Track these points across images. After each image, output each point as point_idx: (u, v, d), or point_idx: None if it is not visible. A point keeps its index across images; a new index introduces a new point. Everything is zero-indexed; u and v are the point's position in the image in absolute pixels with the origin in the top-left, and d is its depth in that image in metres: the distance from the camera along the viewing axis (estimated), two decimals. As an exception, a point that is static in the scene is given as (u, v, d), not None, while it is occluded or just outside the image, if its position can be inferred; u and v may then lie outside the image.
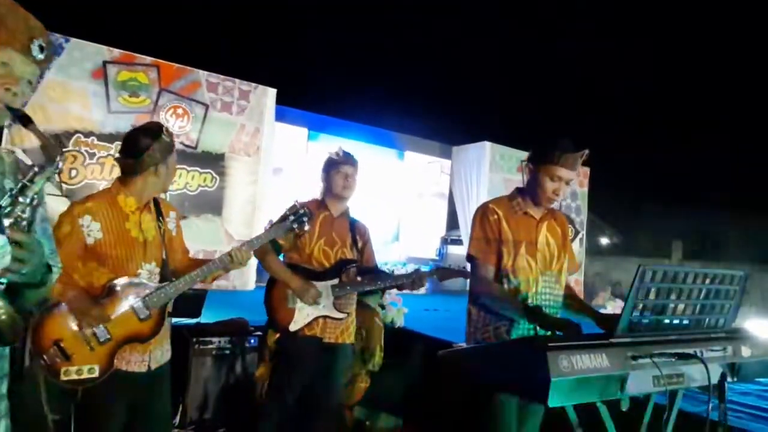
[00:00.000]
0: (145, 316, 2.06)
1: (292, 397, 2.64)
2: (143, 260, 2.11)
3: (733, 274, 1.56)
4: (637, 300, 1.38)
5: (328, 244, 2.76)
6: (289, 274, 2.66)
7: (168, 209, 2.33)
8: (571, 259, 2.32)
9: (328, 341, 2.74)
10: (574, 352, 1.26)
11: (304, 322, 2.66)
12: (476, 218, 2.21)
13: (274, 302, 2.71)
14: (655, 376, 1.43)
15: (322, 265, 2.75)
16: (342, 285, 2.73)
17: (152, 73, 7.78)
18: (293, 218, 2.49)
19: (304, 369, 2.70)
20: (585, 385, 1.28)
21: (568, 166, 2.12)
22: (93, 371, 1.95)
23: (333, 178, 2.89)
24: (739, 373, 1.63)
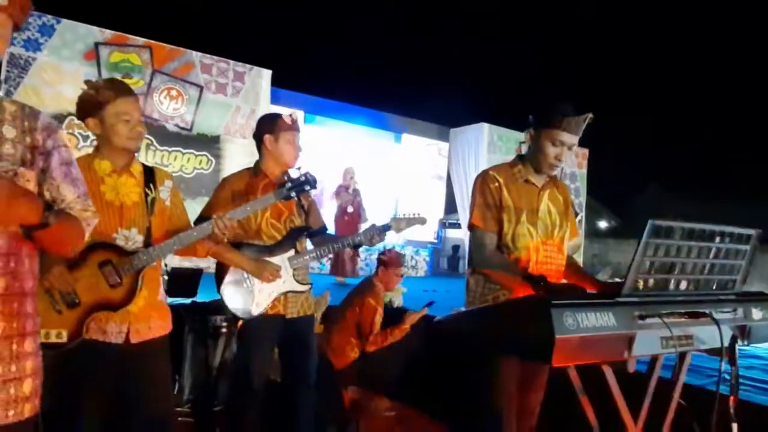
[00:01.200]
0: (115, 282, 1.94)
1: (257, 383, 2.49)
2: (119, 225, 1.99)
3: (743, 232, 1.50)
4: (645, 257, 1.31)
5: (274, 216, 2.52)
6: (239, 255, 2.43)
7: (163, 178, 2.18)
8: (573, 228, 2.25)
9: (291, 316, 2.53)
10: (579, 310, 1.20)
11: (266, 303, 2.47)
12: (476, 186, 2.13)
13: (228, 290, 2.48)
14: (664, 337, 1.38)
15: (273, 238, 2.50)
16: (299, 255, 2.52)
17: (145, 55, 7.66)
18: (292, 185, 2.29)
19: (270, 350, 2.56)
20: (591, 344, 1.22)
21: (571, 130, 2.02)
22: (61, 336, 1.85)
23: (285, 147, 2.50)
24: (750, 336, 1.57)
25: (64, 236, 1.34)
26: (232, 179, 2.63)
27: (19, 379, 1.27)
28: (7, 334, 1.25)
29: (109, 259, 1.94)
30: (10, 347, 1.25)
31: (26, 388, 1.29)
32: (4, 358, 1.24)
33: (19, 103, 1.36)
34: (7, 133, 1.30)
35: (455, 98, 10.29)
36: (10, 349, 1.26)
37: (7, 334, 1.25)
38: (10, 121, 1.32)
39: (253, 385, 2.51)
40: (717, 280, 1.50)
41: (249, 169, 2.68)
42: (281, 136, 2.55)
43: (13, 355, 1.26)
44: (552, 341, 1.13)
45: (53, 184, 1.37)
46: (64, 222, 1.32)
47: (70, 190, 1.39)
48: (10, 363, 1.25)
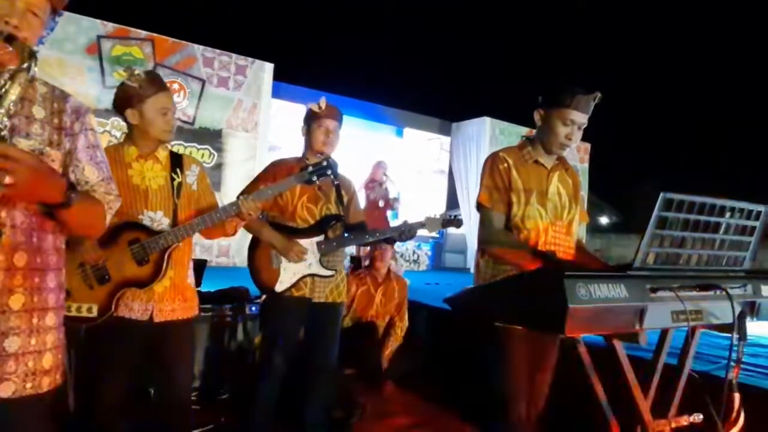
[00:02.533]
0: (142, 260, 2.02)
1: (283, 359, 2.57)
2: (145, 207, 2.08)
3: (753, 208, 1.50)
4: (656, 231, 1.32)
5: (311, 201, 2.61)
6: (271, 232, 2.54)
7: (190, 163, 2.28)
8: (582, 211, 2.26)
9: (318, 300, 2.59)
10: (591, 281, 1.21)
11: (290, 282, 2.55)
12: (486, 167, 2.14)
13: (257, 263, 2.59)
14: (674, 311, 1.38)
15: (307, 222, 2.58)
16: (328, 241, 2.58)
17: (147, 48, 7.65)
18: (313, 169, 2.35)
19: (295, 330, 2.62)
20: (602, 315, 1.22)
21: (581, 108, 1.99)
22: (92, 311, 1.94)
23: (314, 133, 2.61)
24: (758, 312, 1.58)
25: (86, 218, 1.35)
26: (278, 163, 2.73)
27: (38, 353, 1.29)
28: (27, 307, 1.26)
29: (137, 237, 2.02)
30: (30, 321, 1.27)
31: (45, 362, 1.30)
32: (24, 331, 1.26)
33: (50, 85, 1.39)
34: (37, 114, 1.33)
35: (457, 92, 10.26)
36: (30, 323, 1.27)
37: (28, 308, 1.27)
38: (41, 101, 1.34)
39: (275, 362, 2.56)
40: (727, 256, 1.50)
41: (295, 157, 2.76)
42: (312, 124, 2.65)
43: (33, 329, 1.28)
44: (566, 311, 1.13)
45: (78, 166, 1.39)
46: (87, 203, 1.33)
47: (93, 172, 1.41)
48: (30, 336, 1.27)
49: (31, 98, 1.33)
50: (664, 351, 1.62)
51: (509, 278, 1.33)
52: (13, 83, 1.16)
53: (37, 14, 1.31)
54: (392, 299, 3.80)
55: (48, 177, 1.18)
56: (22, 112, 1.30)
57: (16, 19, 1.27)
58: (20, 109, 1.29)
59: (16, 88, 1.16)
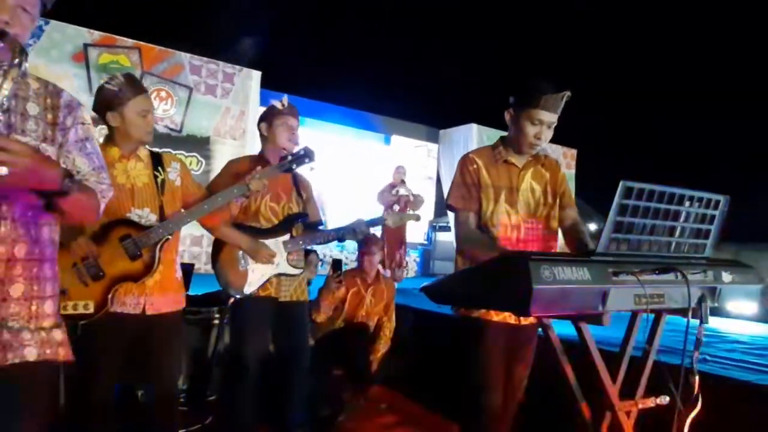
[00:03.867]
0: (135, 255, 2.07)
1: (256, 360, 2.57)
2: (132, 205, 2.13)
3: (711, 197, 1.57)
4: (618, 218, 1.38)
5: (274, 200, 2.63)
6: (237, 233, 2.53)
7: (170, 160, 2.35)
8: (569, 201, 2.29)
9: (284, 300, 2.62)
10: (555, 264, 1.26)
11: (259, 283, 2.55)
12: (457, 168, 2.20)
13: (223, 266, 2.57)
14: (637, 295, 1.44)
15: (271, 222, 2.61)
16: (294, 240, 2.61)
17: (134, 56, 7.69)
18: (291, 158, 2.46)
19: (265, 330, 2.62)
20: (566, 296, 1.28)
21: (549, 108, 2.02)
22: (88, 307, 1.99)
23: (277, 130, 2.62)
24: (719, 298, 1.65)
25: (82, 205, 1.39)
26: (236, 162, 2.76)
27: None
28: (27, 295, 1.33)
29: (128, 233, 2.08)
30: (29, 308, 1.33)
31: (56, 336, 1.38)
32: (23, 317, 1.31)
33: (43, 81, 1.43)
34: (31, 110, 1.37)
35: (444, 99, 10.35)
36: (29, 309, 1.33)
37: (27, 296, 1.33)
38: (34, 98, 1.39)
39: (247, 365, 2.57)
40: (688, 244, 1.57)
41: (252, 155, 2.81)
42: (274, 121, 2.67)
43: (32, 315, 1.33)
44: (530, 291, 1.19)
45: (69, 157, 1.44)
46: (83, 191, 1.38)
47: (84, 162, 1.46)
48: (29, 322, 1.32)
49: (24, 95, 1.37)
50: (633, 336, 1.68)
51: (479, 265, 1.39)
52: (5, 79, 1.19)
53: (28, 10, 1.35)
54: (381, 300, 3.85)
55: (45, 166, 1.22)
56: (16, 109, 1.34)
57: (6, 15, 1.30)
58: (14, 106, 1.33)
59: (9, 84, 1.19)
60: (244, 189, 2.32)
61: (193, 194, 2.38)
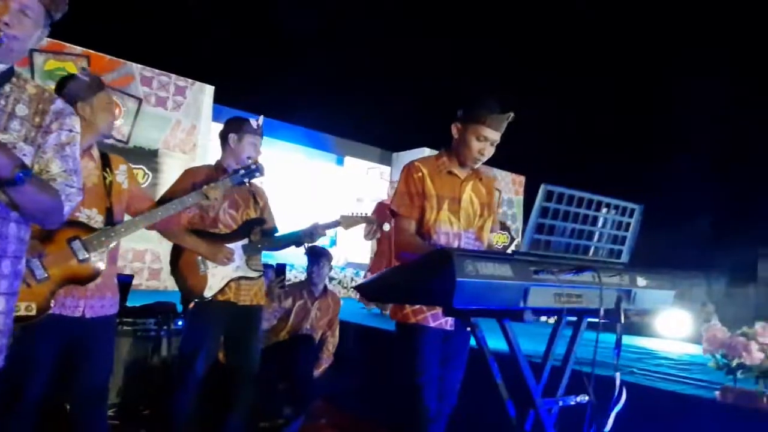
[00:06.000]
0: (83, 258, 2.02)
1: (204, 367, 2.56)
2: (81, 205, 2.08)
3: (627, 205, 1.69)
4: (539, 220, 1.47)
5: (232, 207, 2.69)
6: (195, 239, 2.58)
7: (118, 162, 2.32)
8: (495, 220, 2.41)
9: (243, 304, 2.64)
10: (479, 260, 1.33)
11: (219, 287, 2.59)
12: (402, 175, 2.27)
13: (183, 271, 2.60)
14: (557, 294, 1.52)
15: (230, 227, 2.67)
16: (252, 244, 2.68)
17: (82, 64, 7.48)
18: (244, 172, 2.52)
19: (219, 335, 2.63)
20: (489, 291, 1.34)
21: (494, 126, 2.12)
22: (30, 309, 1.91)
23: (245, 145, 2.70)
24: (635, 301, 1.76)
25: (37, 201, 1.37)
26: (194, 171, 2.80)
27: None
28: None
29: (77, 235, 2.04)
30: None
31: None
32: None
33: (41, 87, 1.48)
34: (19, 111, 1.41)
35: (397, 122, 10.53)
36: None
37: None
38: (27, 101, 1.43)
39: (197, 371, 2.55)
40: (606, 249, 1.68)
41: (209, 165, 2.85)
42: (245, 138, 2.73)
43: None
44: (453, 284, 1.25)
45: (43, 157, 1.45)
46: (40, 187, 1.37)
47: (57, 164, 1.46)
48: None
49: (17, 97, 1.41)
50: (557, 338, 1.76)
51: (409, 262, 1.44)
52: None
53: (29, 15, 1.39)
54: (326, 314, 3.85)
55: None
56: (5, 109, 1.39)
57: (6, 16, 1.35)
58: (3, 106, 1.38)
59: None
60: (200, 197, 2.36)
61: (139, 199, 2.37)
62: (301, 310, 3.69)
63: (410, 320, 2.14)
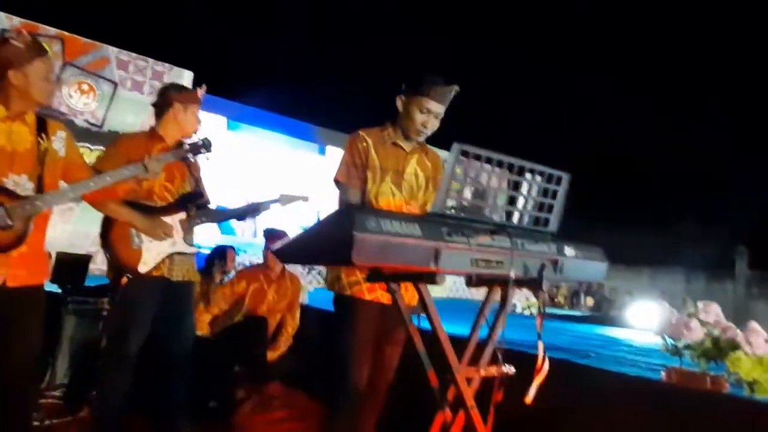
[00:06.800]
0: (5, 225, 1.94)
1: (138, 345, 2.45)
2: (9, 170, 2.00)
3: (553, 173, 1.64)
4: (455, 180, 1.43)
5: (168, 179, 2.58)
6: (131, 211, 2.45)
7: (55, 128, 2.20)
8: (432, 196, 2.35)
9: (176, 280, 2.55)
10: (384, 216, 1.28)
11: (155, 262, 2.49)
12: (346, 145, 2.23)
13: (115, 244, 2.46)
14: (474, 258, 1.47)
15: (165, 200, 2.56)
16: (190, 219, 2.59)
17: (56, 46, 7.38)
18: (190, 147, 2.44)
19: (152, 312, 2.51)
20: (395, 248, 1.29)
21: (437, 99, 2.09)
22: None
23: (188, 116, 2.58)
24: (562, 271, 1.71)
25: None
26: (127, 139, 2.69)
27: None
28: None
29: (1, 202, 1.94)
30: None
31: None
32: None
33: None
34: None
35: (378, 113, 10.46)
36: None
37: None
38: None
39: (130, 349, 2.46)
40: (532, 216, 1.63)
41: (144, 132, 2.71)
42: (190, 108, 2.63)
43: None
44: (351, 238, 1.20)
45: None
46: None
47: None
48: None
49: None
50: (487, 308, 1.72)
51: (318, 222, 1.39)
52: None
53: None
54: (285, 297, 3.80)
55: None
56: None
57: None
58: None
59: None
60: (138, 170, 2.25)
61: (78, 168, 2.27)
62: (256, 294, 3.64)
63: (345, 292, 2.10)
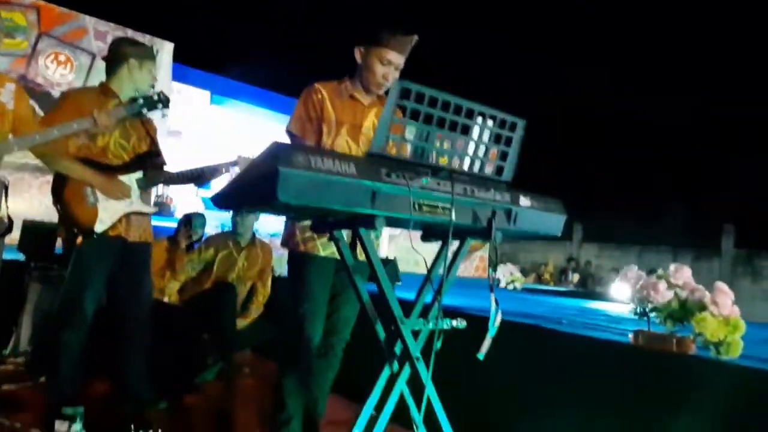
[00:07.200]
0: None
1: (94, 306, 2.40)
2: None
3: (507, 117, 1.56)
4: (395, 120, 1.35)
5: (123, 137, 2.49)
6: (85, 169, 2.37)
7: (3, 81, 2.16)
8: None
9: (133, 240, 2.50)
10: (315, 154, 1.21)
11: (111, 221, 2.41)
12: (301, 97, 2.14)
13: (69, 202, 2.38)
14: (417, 202, 1.39)
15: (121, 159, 2.48)
16: (147, 178, 2.52)
17: (31, 15, 7.17)
18: (144, 102, 2.36)
19: (107, 273, 2.46)
20: (326, 187, 1.22)
21: (398, 49, 2.02)
22: None
23: (146, 73, 2.51)
24: (516, 221, 1.64)
25: None
26: (77, 94, 2.61)
27: None
28: None
29: None
30: None
31: None
32: None
33: None
34: None
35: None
36: None
37: None
38: None
39: (85, 311, 2.40)
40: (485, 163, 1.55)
41: (94, 88, 2.62)
42: (145, 64, 2.56)
43: None
44: (276, 173, 1.13)
45: None
46: None
47: None
48: None
49: None
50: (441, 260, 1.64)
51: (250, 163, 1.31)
52: None
53: None
54: (255, 264, 3.73)
55: None
56: None
57: None
58: None
59: None
60: (88, 124, 2.20)
61: (26, 122, 2.22)
62: (225, 261, 3.58)
63: (299, 248, 2.03)
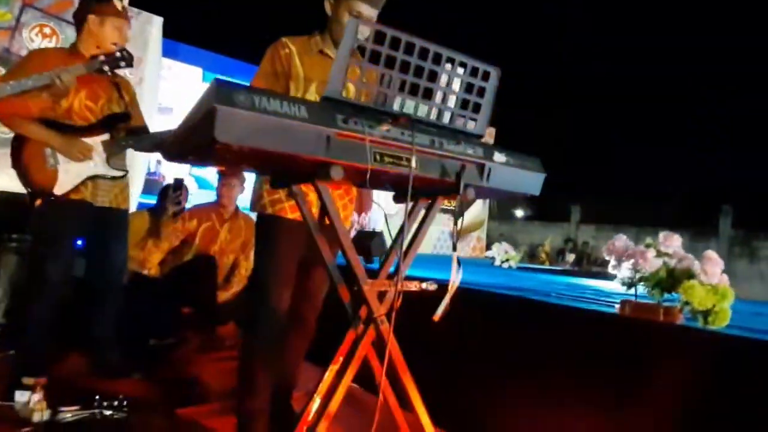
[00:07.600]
0: None
1: (61, 274, 2.31)
2: None
3: (479, 65, 1.44)
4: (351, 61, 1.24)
5: (91, 98, 2.39)
6: (45, 129, 2.28)
7: None
8: None
9: (101, 205, 2.40)
10: (260, 94, 1.10)
11: (72, 184, 2.31)
12: (266, 53, 2.03)
13: (27, 163, 2.28)
14: (378, 152, 1.29)
15: (87, 120, 2.38)
16: (116, 141, 2.41)
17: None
18: (105, 59, 2.27)
19: (73, 239, 2.38)
20: (274, 130, 1.12)
21: (371, 2, 1.92)
22: None
23: (109, 30, 2.37)
24: (489, 177, 1.54)
25: None
26: (40, 53, 2.51)
27: None
28: None
29: None
30: None
31: None
32: None
33: None
34: None
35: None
36: None
37: None
38: None
39: (48, 279, 2.31)
40: (456, 114, 1.45)
41: (65, 48, 2.56)
42: (108, 21, 2.43)
43: None
44: (214, 111, 1.03)
45: None
46: None
47: None
48: None
49: None
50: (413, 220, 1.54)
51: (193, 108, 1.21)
52: None
53: None
54: (238, 237, 3.65)
55: None
56: None
57: None
58: None
59: None
60: (45, 79, 2.12)
61: None
62: (207, 233, 3.49)
63: (267, 211, 1.94)
